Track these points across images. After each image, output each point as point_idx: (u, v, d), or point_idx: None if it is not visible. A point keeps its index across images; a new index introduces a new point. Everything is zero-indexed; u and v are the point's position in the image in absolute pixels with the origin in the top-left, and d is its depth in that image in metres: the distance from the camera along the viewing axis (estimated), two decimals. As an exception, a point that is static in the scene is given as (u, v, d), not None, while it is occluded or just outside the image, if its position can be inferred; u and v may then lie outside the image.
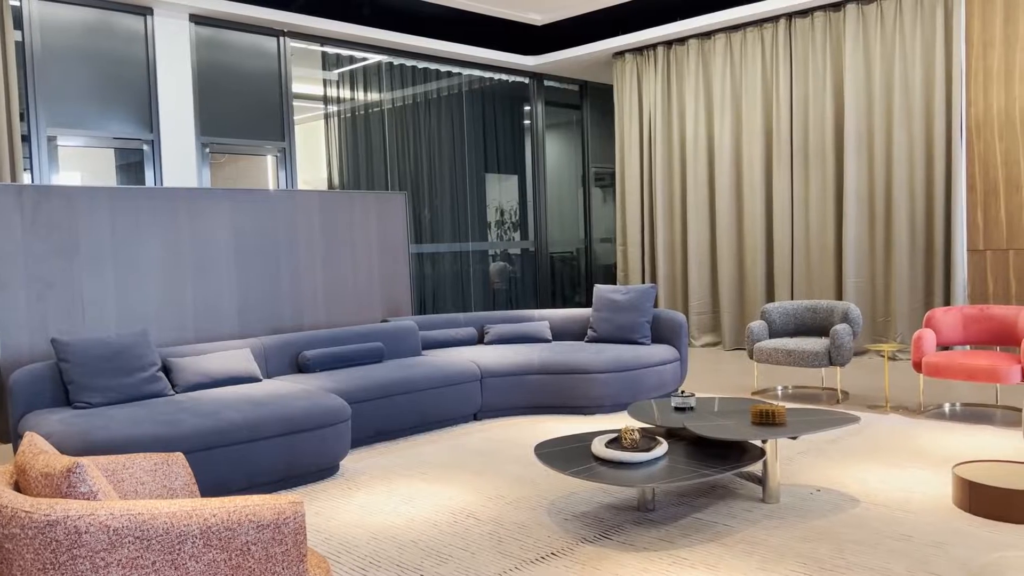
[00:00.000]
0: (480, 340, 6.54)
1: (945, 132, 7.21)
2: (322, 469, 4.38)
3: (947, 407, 5.55)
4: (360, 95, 8.65)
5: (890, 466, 4.25)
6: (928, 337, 5.41)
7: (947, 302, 7.26)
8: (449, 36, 8.88)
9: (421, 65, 9.06)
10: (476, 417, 5.68)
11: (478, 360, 5.72)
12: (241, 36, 7.48)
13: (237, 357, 5.01)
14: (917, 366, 5.37)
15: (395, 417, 5.12)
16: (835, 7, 7.80)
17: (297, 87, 8.09)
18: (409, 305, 6.80)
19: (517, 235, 10.22)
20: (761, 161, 8.37)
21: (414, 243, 8.92)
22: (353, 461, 4.73)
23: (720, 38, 8.55)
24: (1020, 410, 5.37)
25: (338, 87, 8.51)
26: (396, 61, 8.84)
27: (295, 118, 7.94)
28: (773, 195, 8.31)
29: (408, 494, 4.07)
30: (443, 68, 9.26)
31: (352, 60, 8.53)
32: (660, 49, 9.05)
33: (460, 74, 9.45)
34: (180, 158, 7.04)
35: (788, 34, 8.11)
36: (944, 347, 5.82)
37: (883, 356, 7.65)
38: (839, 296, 7.96)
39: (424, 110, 9.14)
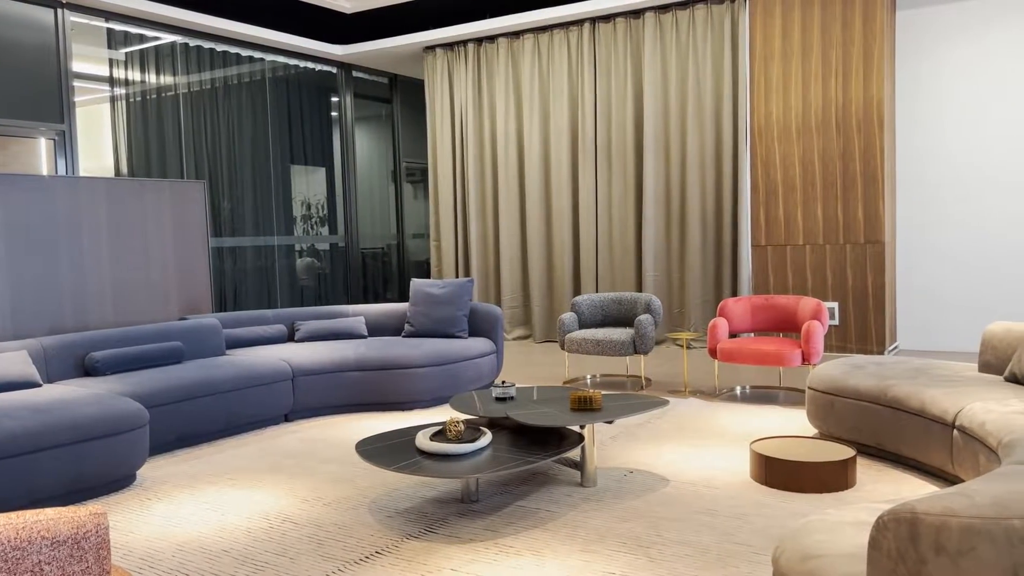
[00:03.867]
0: (290, 338, 6.27)
1: (732, 137, 7.80)
2: (116, 479, 3.99)
3: (739, 390, 5.99)
4: (152, 77, 8.02)
5: (693, 446, 4.51)
6: (722, 325, 5.81)
7: (734, 293, 7.85)
8: (251, 19, 8.45)
9: (220, 48, 8.55)
10: (288, 418, 5.43)
11: (289, 358, 5.46)
12: (10, 5, 6.68)
13: (11, 360, 4.47)
14: (712, 352, 5.75)
15: (198, 421, 4.78)
16: (635, 14, 8.21)
17: (78, 66, 7.36)
18: (209, 302, 6.39)
19: (325, 230, 9.91)
20: (568, 160, 8.65)
21: (213, 236, 8.40)
22: (152, 469, 4.36)
23: (529, 38, 8.74)
24: (802, 391, 5.91)
25: (126, 68, 7.84)
26: (192, 43, 8.28)
27: (76, 99, 7.22)
28: (579, 193, 8.61)
29: (216, 501, 3.80)
30: (244, 53, 8.80)
31: (142, 39, 7.89)
32: (471, 46, 9.12)
33: (263, 60, 9.02)
34: (-65, 137, 6.18)
35: (592, 38, 8.44)
36: (733, 334, 6.27)
37: (680, 344, 8.16)
38: (639, 289, 8.39)
39: (224, 96, 8.63)
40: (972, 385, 3.84)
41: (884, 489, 3.68)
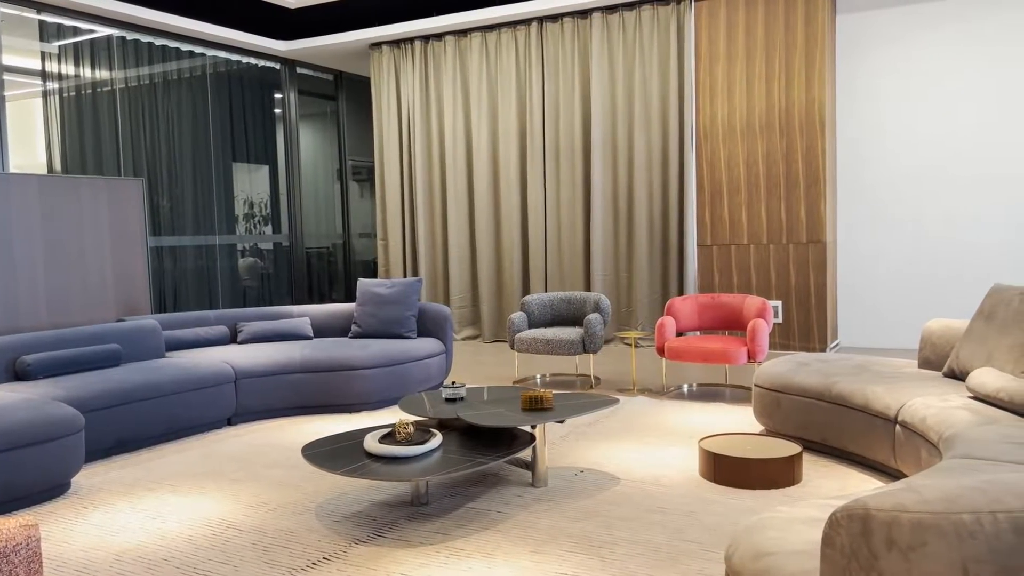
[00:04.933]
0: (233, 339, 6.12)
1: (678, 137, 7.88)
2: (50, 488, 3.84)
3: (686, 388, 6.05)
4: (87, 72, 7.75)
5: (643, 444, 4.53)
6: (669, 324, 5.85)
7: (680, 292, 7.93)
8: (191, 12, 8.23)
9: (159, 42, 8.32)
10: (231, 422, 5.30)
11: (231, 360, 5.33)
12: (-66, -8, 6.40)
13: (-65, 365, 4.26)
14: (660, 351, 5.79)
15: (137, 425, 4.63)
16: (583, 15, 8.23)
17: (8, 59, 7.08)
18: (148, 303, 6.21)
19: (269, 229, 9.72)
20: (517, 159, 8.63)
21: (152, 235, 8.17)
22: (88, 477, 4.20)
23: (476, 36, 8.69)
24: (748, 388, 5.98)
25: (60, 62, 7.57)
26: (130, 36, 8.03)
27: (6, 93, 6.94)
28: (528, 192, 8.60)
29: (156, 509, 3.68)
30: (184, 47, 8.57)
31: (76, 32, 7.63)
32: (418, 43, 9.04)
33: (204, 55, 8.80)
34: None
35: (540, 37, 8.43)
36: (680, 333, 6.33)
37: (629, 343, 8.20)
38: (588, 289, 8.42)
39: (163, 92, 8.40)
40: (913, 381, 3.92)
41: (830, 484, 3.74)
